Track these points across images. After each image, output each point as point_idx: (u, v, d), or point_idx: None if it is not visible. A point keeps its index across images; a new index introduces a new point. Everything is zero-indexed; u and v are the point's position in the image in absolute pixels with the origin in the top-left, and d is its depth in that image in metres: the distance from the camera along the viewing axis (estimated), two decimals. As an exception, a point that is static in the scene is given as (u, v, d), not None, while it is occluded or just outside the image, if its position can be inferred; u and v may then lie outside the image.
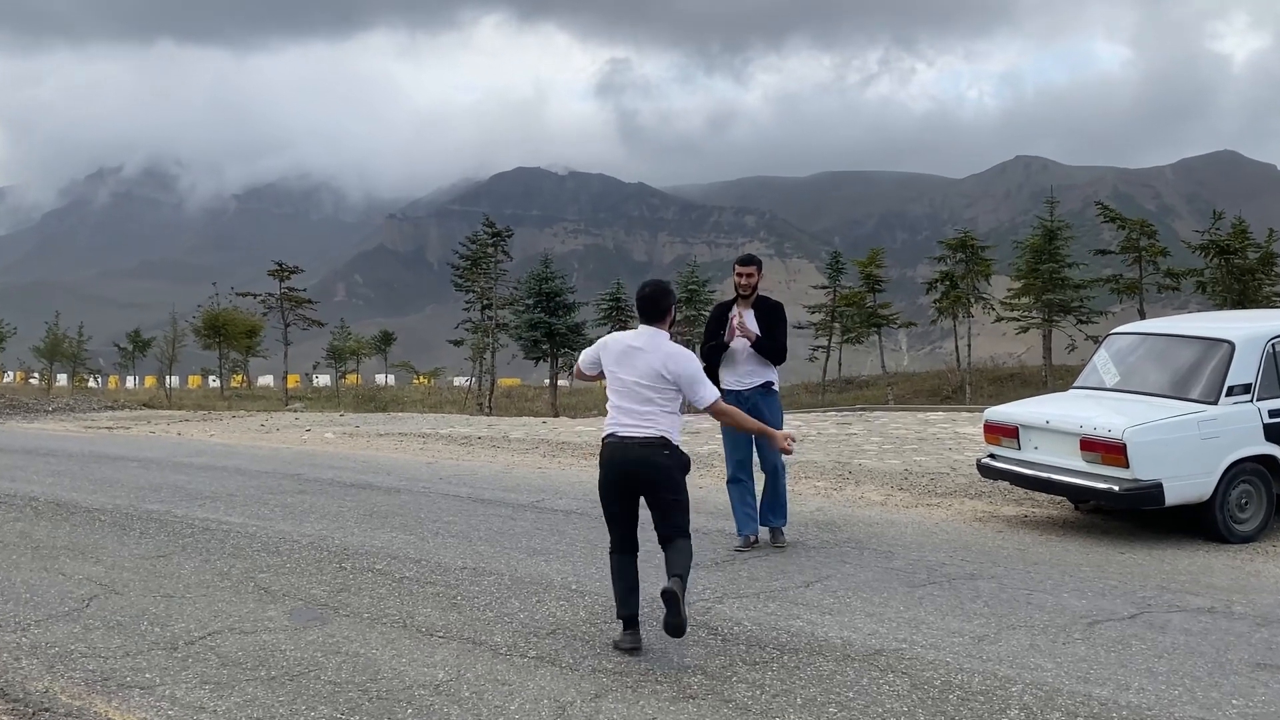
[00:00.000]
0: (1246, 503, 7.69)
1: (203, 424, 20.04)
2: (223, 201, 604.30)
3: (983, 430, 8.91)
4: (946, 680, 4.87)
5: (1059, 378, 34.30)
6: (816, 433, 15.47)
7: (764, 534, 7.68)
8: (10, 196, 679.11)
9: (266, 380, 63.98)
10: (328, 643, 5.47)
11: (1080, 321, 38.81)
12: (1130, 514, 8.28)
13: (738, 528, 7.63)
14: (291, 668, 5.10)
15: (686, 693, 4.76)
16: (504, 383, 51.90)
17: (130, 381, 62.72)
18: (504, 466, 12.36)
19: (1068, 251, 39.28)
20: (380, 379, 68.23)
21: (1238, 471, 7.59)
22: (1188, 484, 7.49)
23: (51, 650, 5.41)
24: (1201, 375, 7.89)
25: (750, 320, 7.59)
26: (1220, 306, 33.83)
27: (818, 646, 5.35)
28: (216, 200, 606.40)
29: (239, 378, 56.12)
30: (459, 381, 57.69)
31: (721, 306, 7.82)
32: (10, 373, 59.40)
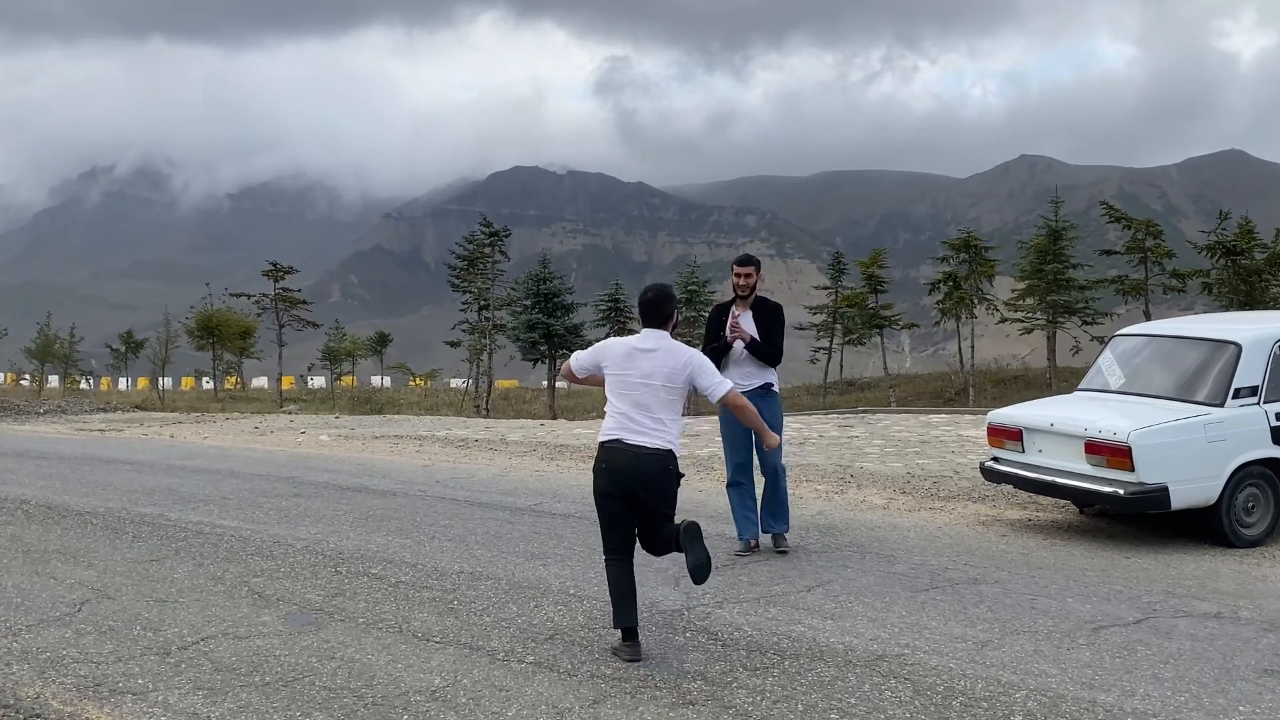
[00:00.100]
0: (1253, 506, 7.64)
1: (196, 426, 19.97)
2: (216, 201, 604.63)
3: (986, 433, 8.86)
4: (950, 686, 4.82)
5: (1063, 380, 34.32)
6: (818, 435, 15.41)
7: (765, 539, 7.62)
8: (1, 195, 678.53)
9: (261, 382, 64.01)
10: (323, 648, 5.40)
11: (1085, 323, 38.85)
12: (1135, 518, 8.23)
13: (738, 532, 7.56)
14: (286, 673, 5.04)
15: (686, 699, 4.70)
16: (501, 384, 51.92)
17: (123, 383, 62.62)
18: (501, 469, 12.29)
19: (1072, 252, 39.31)
20: (376, 381, 68.29)
21: (1244, 475, 7.54)
22: (1194, 487, 7.44)
23: (43, 655, 5.34)
24: (1208, 377, 7.84)
25: (747, 321, 7.52)
26: (1227, 308, 33.82)
27: (819, 652, 5.30)
28: (210, 199, 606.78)
29: (233, 379, 56.14)
30: (456, 383, 57.63)
31: (720, 307, 7.76)
32: (1, 374, 59.29)
